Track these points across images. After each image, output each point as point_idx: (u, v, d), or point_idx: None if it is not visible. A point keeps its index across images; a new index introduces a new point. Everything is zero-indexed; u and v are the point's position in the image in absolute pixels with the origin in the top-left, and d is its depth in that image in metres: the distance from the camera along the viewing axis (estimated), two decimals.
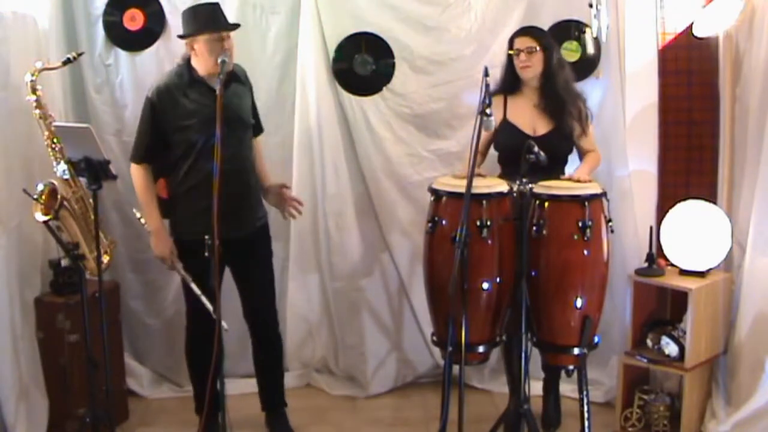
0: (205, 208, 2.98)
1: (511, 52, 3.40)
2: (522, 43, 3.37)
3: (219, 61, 3.07)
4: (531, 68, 3.37)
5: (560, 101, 3.37)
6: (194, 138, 3.21)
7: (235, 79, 3.32)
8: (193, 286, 3.23)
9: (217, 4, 3.26)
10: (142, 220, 3.36)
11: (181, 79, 3.24)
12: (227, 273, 3.45)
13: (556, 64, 3.37)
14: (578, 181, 3.19)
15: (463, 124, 3.87)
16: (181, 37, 3.23)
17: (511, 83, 3.46)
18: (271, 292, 3.53)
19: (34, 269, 3.52)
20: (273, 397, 3.64)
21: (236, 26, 3.28)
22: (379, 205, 4.04)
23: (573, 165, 3.49)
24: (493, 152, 3.55)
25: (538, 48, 3.35)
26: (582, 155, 3.47)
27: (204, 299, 3.19)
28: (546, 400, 3.63)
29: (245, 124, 3.36)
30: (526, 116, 3.43)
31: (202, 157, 3.19)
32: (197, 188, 3.22)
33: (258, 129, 3.55)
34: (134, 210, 3.45)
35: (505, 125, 3.43)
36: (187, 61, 3.26)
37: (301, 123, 3.94)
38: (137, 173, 3.32)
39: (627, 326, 3.59)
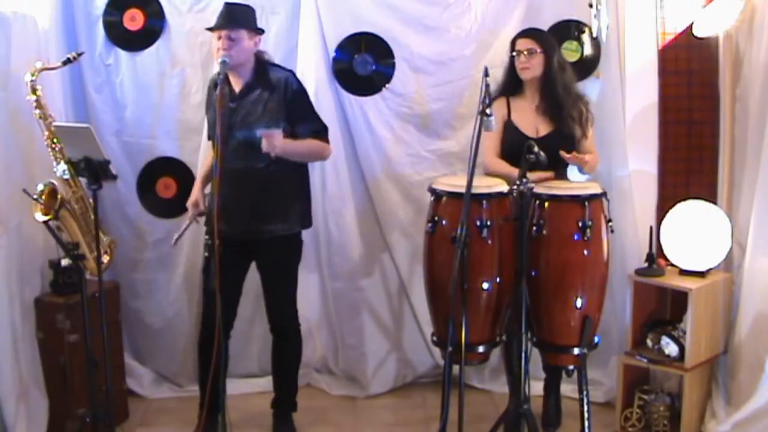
0: (212, 205, 3.11)
1: (512, 53, 3.40)
2: (523, 44, 3.38)
3: (219, 61, 3.13)
4: (530, 69, 3.37)
5: (559, 104, 3.37)
6: (212, 132, 3.30)
7: (263, 84, 3.28)
8: (183, 226, 3.49)
9: (230, 4, 3.27)
10: None
11: (218, 75, 3.23)
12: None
13: (556, 67, 3.37)
14: (581, 160, 3.21)
15: (463, 124, 3.87)
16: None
17: (512, 85, 3.47)
18: (290, 299, 3.52)
19: (34, 269, 3.52)
20: (283, 399, 3.63)
21: (229, 25, 3.21)
22: (379, 205, 4.04)
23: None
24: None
25: (538, 50, 3.35)
26: None
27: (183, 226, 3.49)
28: (546, 400, 3.63)
29: (255, 129, 3.24)
30: (528, 118, 3.43)
31: (217, 152, 3.17)
32: (213, 184, 3.23)
33: (303, 131, 3.31)
34: None
35: (508, 126, 3.43)
36: None
37: None
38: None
39: (627, 326, 3.59)
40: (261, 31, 3.32)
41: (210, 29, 3.26)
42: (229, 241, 3.15)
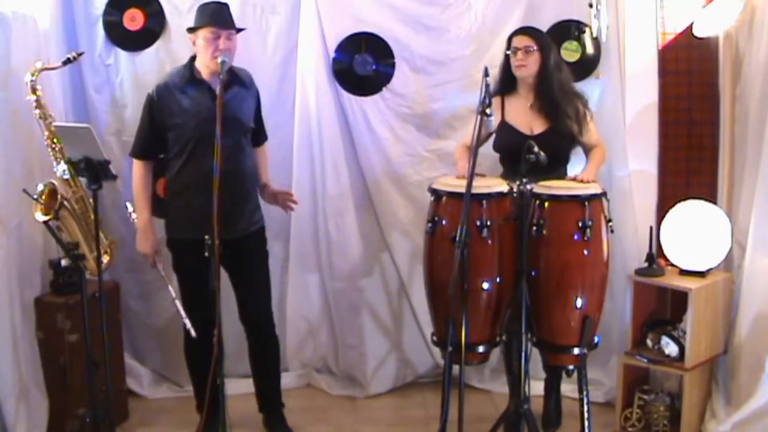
0: (196, 208, 3.07)
1: (507, 51, 3.40)
2: (519, 41, 3.37)
3: (219, 61, 3.11)
4: (527, 67, 3.36)
5: (554, 102, 3.36)
6: (188, 136, 3.22)
7: (238, 82, 3.33)
8: (171, 288, 3.32)
9: (225, 5, 3.28)
10: (134, 215, 3.39)
11: (182, 78, 3.27)
12: (224, 274, 3.45)
13: (552, 65, 3.36)
14: (582, 181, 3.19)
15: (463, 124, 3.87)
16: (189, 30, 3.27)
17: (507, 83, 3.46)
18: (266, 294, 3.53)
19: (34, 269, 3.52)
20: (270, 399, 3.64)
21: (234, 27, 3.25)
22: (379, 205, 4.04)
23: (576, 164, 3.49)
24: (494, 153, 3.54)
25: (535, 47, 3.35)
26: (587, 151, 3.46)
27: (178, 303, 3.28)
28: (546, 400, 3.63)
29: (243, 128, 3.34)
30: (523, 116, 3.42)
31: (195, 157, 3.21)
32: (190, 188, 3.24)
33: (262, 137, 3.57)
34: (127, 203, 3.45)
35: (504, 126, 3.43)
36: (191, 60, 3.30)
37: (301, 123, 3.95)
38: (134, 168, 3.41)
39: (627, 326, 3.60)
40: (240, 30, 3.33)
41: (212, 27, 3.19)
42: (200, 246, 2.94)
